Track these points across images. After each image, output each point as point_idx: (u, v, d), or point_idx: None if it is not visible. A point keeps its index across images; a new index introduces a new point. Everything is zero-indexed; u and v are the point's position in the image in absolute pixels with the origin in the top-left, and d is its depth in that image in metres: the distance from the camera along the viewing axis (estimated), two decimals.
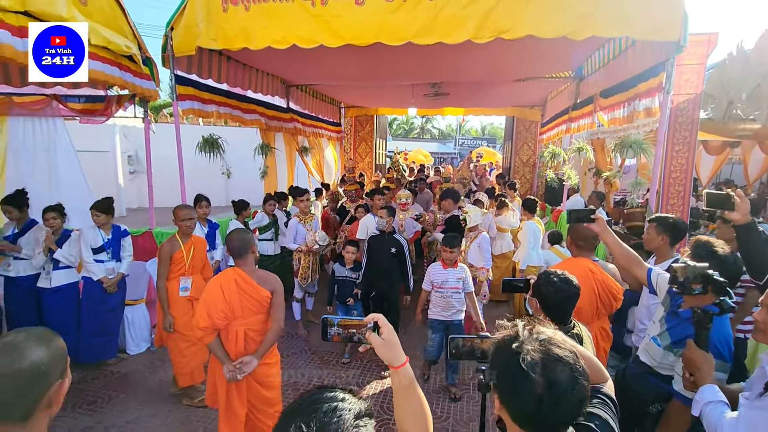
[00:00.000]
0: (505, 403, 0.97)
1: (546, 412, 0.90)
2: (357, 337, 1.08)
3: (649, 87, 3.97)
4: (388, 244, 4.22)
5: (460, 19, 3.68)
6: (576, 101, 6.57)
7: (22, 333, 1.00)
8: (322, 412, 0.75)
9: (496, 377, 0.99)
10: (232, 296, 2.45)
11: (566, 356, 0.93)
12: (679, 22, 3.38)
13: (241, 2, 4.08)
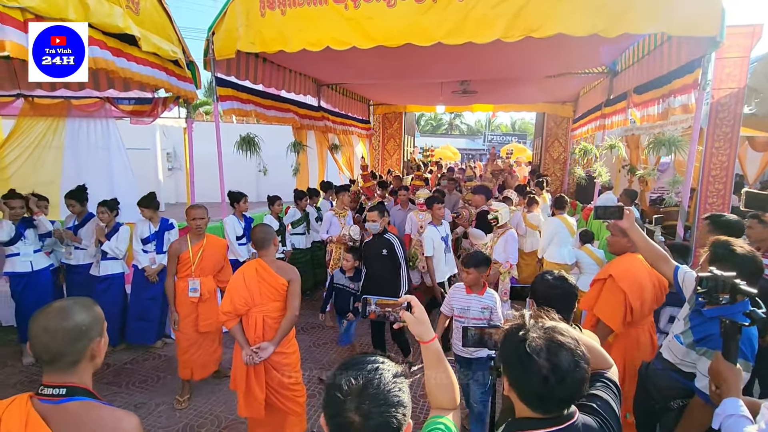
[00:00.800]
0: (513, 385, 1.08)
1: (550, 392, 1.01)
2: (393, 315, 1.22)
3: (684, 83, 3.90)
4: (379, 247, 3.77)
5: (490, 19, 3.73)
6: (609, 97, 6.45)
7: (69, 300, 1.25)
8: (366, 370, 0.89)
9: (504, 361, 1.10)
10: (252, 284, 2.65)
11: (568, 342, 1.03)
12: (716, 16, 3.31)
13: (278, 7, 4.29)
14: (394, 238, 3.85)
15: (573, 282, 1.77)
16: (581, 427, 1.07)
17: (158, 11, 4.10)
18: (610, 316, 2.35)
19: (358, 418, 0.83)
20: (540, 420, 1.06)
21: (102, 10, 3.27)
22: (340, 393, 0.86)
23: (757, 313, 1.51)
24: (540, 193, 6.77)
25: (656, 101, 4.62)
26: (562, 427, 1.04)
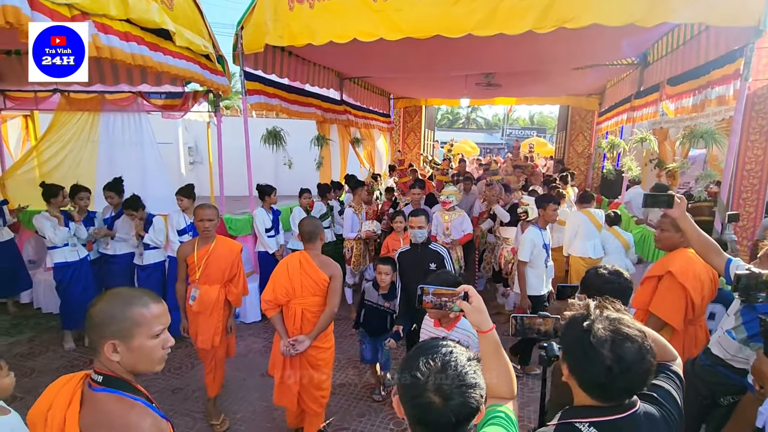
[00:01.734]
0: (573, 373, 1.09)
1: (612, 382, 1.01)
2: (448, 305, 1.23)
3: (725, 74, 3.77)
4: (424, 260, 3.24)
5: (521, 10, 3.68)
6: (639, 89, 6.29)
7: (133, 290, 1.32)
8: (441, 353, 0.91)
9: (566, 349, 1.11)
10: (294, 275, 2.68)
11: (634, 335, 1.03)
12: (759, 4, 3.19)
13: (306, 0, 4.30)
14: (443, 250, 3.32)
15: (629, 277, 1.76)
16: (643, 416, 1.07)
17: (190, 6, 4.18)
18: (672, 313, 2.26)
19: (439, 398, 0.85)
20: (600, 408, 1.06)
21: (140, 6, 3.35)
22: (420, 374, 0.87)
23: None
24: (564, 187, 6.67)
25: (692, 93, 4.49)
26: (623, 416, 1.05)
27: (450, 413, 0.84)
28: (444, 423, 0.85)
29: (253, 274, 5.00)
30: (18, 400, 3.26)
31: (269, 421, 3.24)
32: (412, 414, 0.88)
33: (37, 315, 4.81)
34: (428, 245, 3.31)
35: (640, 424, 1.06)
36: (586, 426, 1.05)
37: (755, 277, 1.60)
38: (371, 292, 3.47)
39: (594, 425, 1.05)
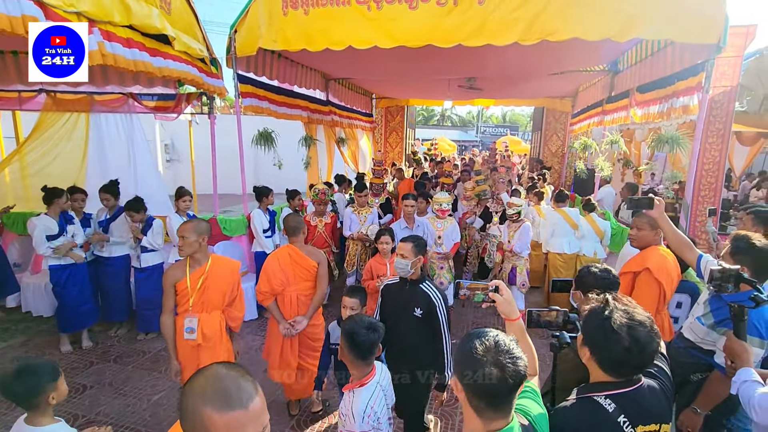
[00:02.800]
0: (595, 354, 1.32)
1: (629, 361, 1.25)
2: (482, 296, 1.45)
3: (688, 85, 4.16)
4: (410, 303, 2.52)
5: (509, 23, 3.93)
6: (610, 94, 6.71)
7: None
8: (491, 335, 1.11)
9: (588, 335, 1.34)
10: (286, 266, 3.01)
11: (645, 321, 1.27)
12: (720, 24, 3.56)
13: (300, 6, 4.41)
14: (434, 292, 2.52)
15: (616, 274, 2.04)
16: (647, 387, 1.31)
17: (186, 10, 4.21)
18: (648, 305, 2.50)
19: (497, 370, 1.05)
20: (613, 383, 1.30)
21: (142, 11, 3.41)
22: (477, 352, 1.07)
23: (760, 296, 1.79)
24: (543, 185, 7.05)
25: (659, 101, 4.89)
26: (633, 388, 1.29)
27: (508, 379, 1.04)
28: (503, 389, 1.05)
29: (248, 273, 5.09)
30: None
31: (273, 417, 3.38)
32: (475, 387, 1.07)
33: (26, 319, 4.74)
34: (419, 284, 2.54)
35: (645, 395, 1.30)
36: (603, 398, 1.28)
37: (726, 272, 1.88)
38: (336, 330, 2.68)
39: (609, 397, 1.28)
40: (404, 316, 2.52)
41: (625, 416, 1.25)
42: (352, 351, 1.87)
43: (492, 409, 1.08)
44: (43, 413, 1.77)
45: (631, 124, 7.29)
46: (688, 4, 3.60)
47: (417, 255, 2.52)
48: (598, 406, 1.28)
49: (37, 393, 1.72)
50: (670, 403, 1.39)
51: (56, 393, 1.79)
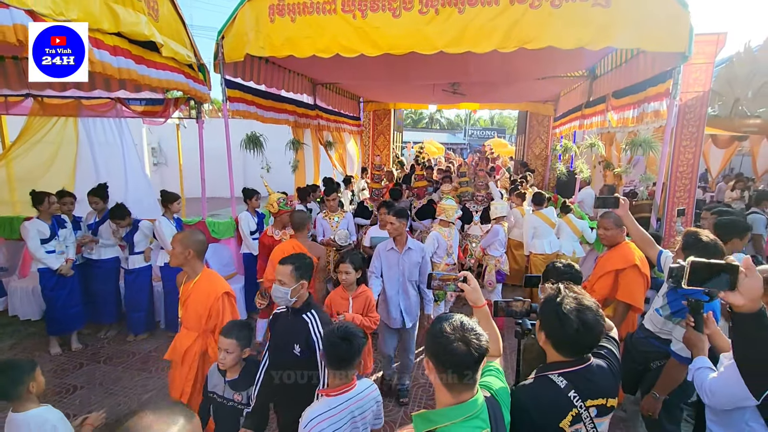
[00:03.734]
0: (549, 337, 1.47)
1: (578, 341, 1.40)
2: (453, 286, 1.60)
3: (658, 92, 4.38)
4: (291, 336, 2.19)
5: (488, 31, 4.10)
6: (589, 99, 6.95)
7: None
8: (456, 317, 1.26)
9: (544, 319, 1.49)
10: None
11: (592, 305, 1.43)
12: (685, 35, 3.78)
13: (287, 14, 4.52)
14: (314, 325, 2.17)
15: (578, 268, 2.21)
16: (595, 366, 1.46)
17: (174, 17, 4.30)
18: (637, 298, 2.74)
19: (464, 345, 1.18)
20: (566, 362, 1.45)
21: (130, 19, 3.48)
22: (445, 332, 1.22)
23: (713, 291, 1.96)
24: (526, 187, 7.25)
25: (632, 106, 5.12)
26: (583, 366, 1.44)
27: (473, 352, 1.19)
28: (469, 361, 1.19)
29: (236, 275, 5.16)
30: None
31: None
32: (445, 361, 1.21)
33: (14, 323, 4.75)
34: (302, 313, 2.19)
35: (594, 372, 1.45)
36: (556, 376, 1.43)
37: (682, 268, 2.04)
38: (215, 377, 2.31)
39: (562, 375, 1.43)
40: (285, 354, 2.16)
41: (575, 391, 1.39)
42: (325, 357, 1.89)
43: (460, 382, 1.23)
44: (26, 401, 1.95)
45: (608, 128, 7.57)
46: (656, 16, 3.81)
47: (299, 280, 2.14)
48: (552, 383, 1.42)
49: (18, 384, 1.91)
50: (617, 381, 1.54)
51: (35, 383, 1.97)
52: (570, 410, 1.39)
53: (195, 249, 2.48)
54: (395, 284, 3.38)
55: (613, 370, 1.52)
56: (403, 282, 3.40)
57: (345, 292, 2.95)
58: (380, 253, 3.42)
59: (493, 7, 3.99)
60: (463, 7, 4.04)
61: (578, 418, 1.40)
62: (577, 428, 1.41)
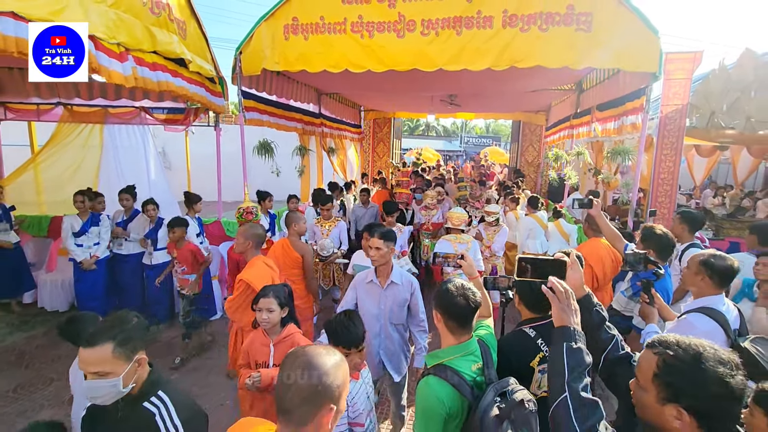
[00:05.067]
0: (522, 299, 1.91)
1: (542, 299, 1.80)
2: (453, 263, 2.04)
3: (634, 106, 4.87)
4: None
5: (483, 51, 4.57)
6: (577, 110, 7.46)
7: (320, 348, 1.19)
8: (457, 280, 1.69)
9: (518, 287, 1.92)
10: (278, 254, 3.66)
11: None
12: (656, 57, 4.26)
13: (301, 33, 4.97)
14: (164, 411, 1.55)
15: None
16: None
17: (198, 35, 4.75)
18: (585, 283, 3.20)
19: (463, 299, 1.62)
20: (536, 318, 1.88)
21: (165, 39, 3.94)
22: (450, 291, 1.65)
23: (659, 272, 2.41)
24: (519, 192, 7.73)
25: (613, 118, 5.61)
26: (548, 321, 1.82)
27: (470, 304, 1.63)
28: (468, 311, 1.64)
29: None
30: (54, 381, 3.72)
31: None
32: (450, 311, 1.64)
33: (42, 313, 5.11)
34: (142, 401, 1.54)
35: None
36: (528, 329, 1.85)
37: (637, 255, 2.49)
38: None
39: (532, 327, 1.85)
40: None
41: (542, 339, 1.82)
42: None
43: (460, 327, 1.67)
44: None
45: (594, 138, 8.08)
46: (631, 40, 4.29)
47: (131, 355, 1.50)
48: (524, 333, 1.86)
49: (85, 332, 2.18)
50: None
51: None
52: (537, 353, 1.79)
53: (253, 241, 3.02)
54: (374, 325, 2.75)
55: None
56: (385, 324, 2.75)
57: (266, 337, 2.31)
58: (357, 286, 2.82)
59: (487, 31, 4.46)
60: (460, 30, 4.50)
61: (545, 359, 1.81)
62: (544, 368, 1.80)
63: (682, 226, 3.42)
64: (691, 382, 1.06)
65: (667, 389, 1.10)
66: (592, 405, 1.19)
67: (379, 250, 2.66)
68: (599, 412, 1.19)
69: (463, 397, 1.60)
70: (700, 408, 1.06)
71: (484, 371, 1.68)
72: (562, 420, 1.20)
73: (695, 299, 2.26)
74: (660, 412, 1.12)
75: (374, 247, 2.67)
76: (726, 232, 6.91)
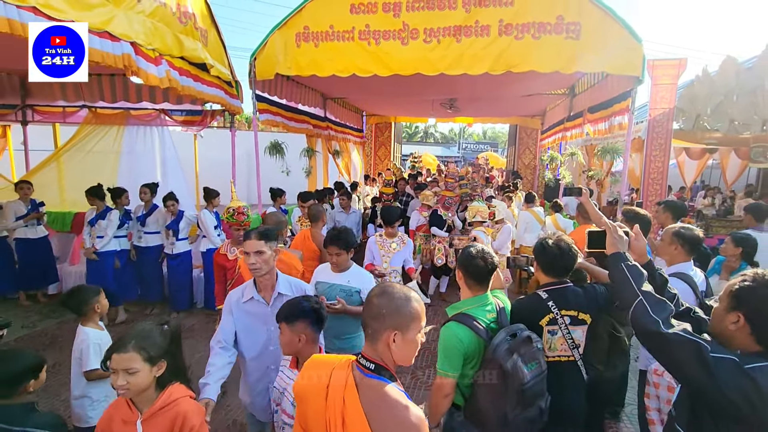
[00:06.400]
0: (539, 264, 2.14)
1: (557, 262, 2.06)
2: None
3: (621, 107, 5.25)
4: None
5: (481, 57, 4.94)
6: (570, 114, 7.86)
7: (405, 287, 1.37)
8: (477, 246, 2.04)
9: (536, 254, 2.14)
10: (299, 244, 3.82)
11: (567, 240, 2.11)
12: (639, 63, 4.64)
13: (311, 40, 5.35)
14: None
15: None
16: (571, 288, 2.07)
17: (217, 42, 5.12)
18: None
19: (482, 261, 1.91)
20: (551, 282, 2.10)
21: (191, 45, 4.31)
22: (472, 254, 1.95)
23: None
24: (515, 192, 8.10)
25: (603, 119, 5.99)
26: (561, 286, 2.08)
27: (488, 266, 1.93)
28: (485, 271, 1.94)
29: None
30: None
31: None
32: (471, 272, 1.93)
33: None
34: None
35: (569, 292, 2.02)
36: (542, 292, 2.05)
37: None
38: None
39: (546, 291, 2.05)
40: None
41: (553, 302, 2.01)
42: None
43: (477, 284, 1.98)
44: (91, 320, 2.53)
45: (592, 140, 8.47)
46: (616, 47, 4.66)
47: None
48: (538, 296, 2.07)
49: (87, 302, 2.50)
50: (590, 303, 2.05)
51: (99, 304, 2.54)
52: (547, 314, 2.00)
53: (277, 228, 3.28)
54: (264, 358, 2.18)
55: (588, 295, 2.05)
56: (277, 355, 2.11)
57: (131, 410, 1.58)
58: (233, 310, 2.18)
59: (485, 38, 4.84)
60: (460, 38, 4.89)
61: (554, 320, 1.99)
62: (553, 329, 2.00)
63: (666, 215, 3.77)
64: (753, 296, 1.34)
65: (734, 299, 1.38)
66: (663, 302, 1.47)
67: (260, 254, 2.06)
68: (669, 307, 1.46)
69: (479, 337, 1.86)
70: (754, 317, 1.34)
71: (498, 320, 1.97)
72: (642, 316, 1.43)
73: (668, 267, 2.60)
74: (723, 318, 1.40)
75: (253, 251, 2.06)
76: (715, 230, 7.29)
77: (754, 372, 1.25)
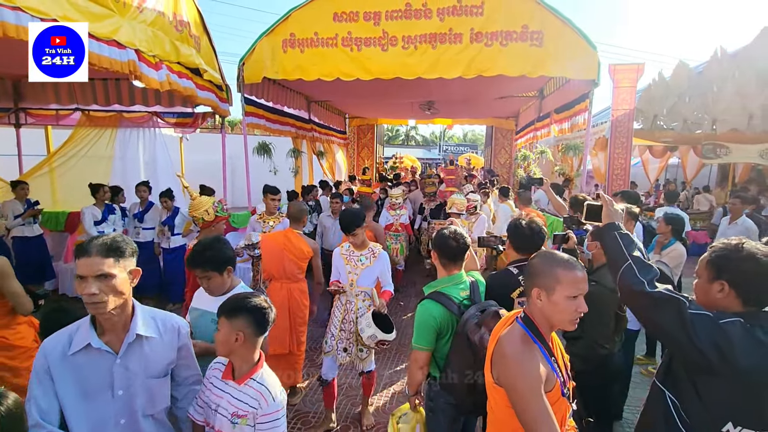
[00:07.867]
0: (512, 242, 2.44)
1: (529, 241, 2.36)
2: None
3: (581, 108, 5.80)
4: None
5: (454, 62, 5.41)
6: (539, 115, 8.43)
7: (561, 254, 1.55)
8: (451, 227, 2.43)
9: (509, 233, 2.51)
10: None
11: (538, 221, 2.49)
12: (595, 68, 5.18)
13: (297, 47, 5.72)
14: None
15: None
16: None
17: (209, 48, 5.44)
18: None
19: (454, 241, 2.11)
20: (521, 258, 2.25)
21: (186, 51, 4.63)
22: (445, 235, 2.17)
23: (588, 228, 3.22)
24: (491, 189, 8.62)
25: (567, 119, 6.55)
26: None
27: (461, 245, 2.09)
28: (458, 251, 2.05)
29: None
30: None
31: None
32: (444, 251, 2.04)
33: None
34: None
35: None
36: (513, 267, 2.22)
37: (570, 218, 3.30)
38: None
39: (516, 267, 2.22)
40: None
41: (523, 276, 2.14)
42: None
43: (451, 263, 2.09)
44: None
45: (557, 138, 9.06)
46: (574, 54, 5.19)
47: None
48: (509, 272, 2.24)
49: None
50: None
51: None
52: (517, 287, 2.14)
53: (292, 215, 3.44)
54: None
55: None
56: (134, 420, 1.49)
57: None
58: (51, 365, 1.38)
59: (457, 45, 5.31)
60: (435, 45, 5.34)
61: (524, 293, 2.02)
62: (523, 300, 2.05)
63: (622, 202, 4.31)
64: (731, 260, 1.40)
65: (714, 269, 1.44)
66: (650, 266, 1.55)
67: (105, 280, 1.36)
68: (655, 270, 1.54)
69: (451, 313, 1.98)
70: (737, 280, 1.39)
71: (471, 297, 2.07)
72: (629, 278, 1.52)
73: None
74: (709, 289, 1.45)
75: (93, 275, 1.34)
76: None
77: (726, 326, 1.33)
